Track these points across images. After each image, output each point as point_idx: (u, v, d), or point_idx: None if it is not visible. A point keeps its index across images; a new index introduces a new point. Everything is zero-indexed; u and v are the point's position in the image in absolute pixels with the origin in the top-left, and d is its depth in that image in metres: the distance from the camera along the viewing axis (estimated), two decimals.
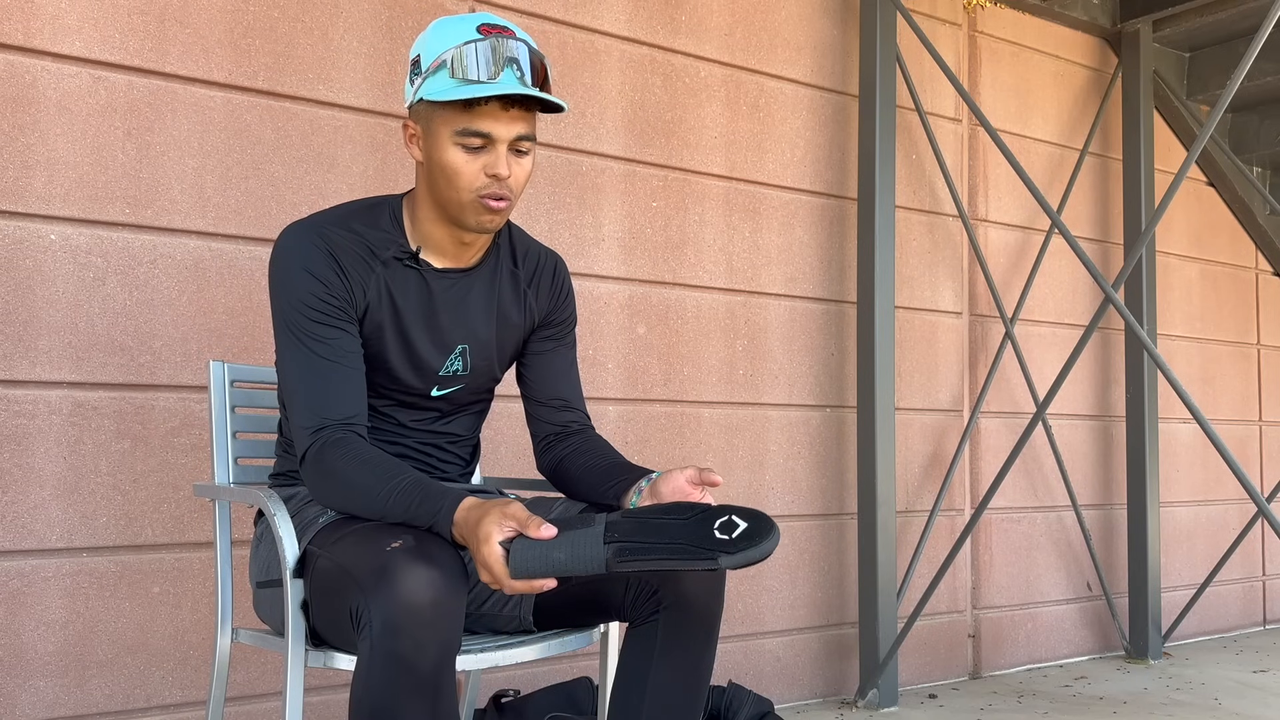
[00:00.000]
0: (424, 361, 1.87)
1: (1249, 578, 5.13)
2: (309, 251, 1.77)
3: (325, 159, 2.77)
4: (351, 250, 1.80)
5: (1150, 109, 4.44)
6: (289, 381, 1.78)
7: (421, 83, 1.72)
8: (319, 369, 1.76)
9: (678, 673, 1.85)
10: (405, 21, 2.89)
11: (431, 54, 1.71)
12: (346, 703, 2.74)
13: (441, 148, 1.73)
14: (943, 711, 3.49)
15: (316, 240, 1.78)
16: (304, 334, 1.77)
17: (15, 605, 2.38)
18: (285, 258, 1.78)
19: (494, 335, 1.92)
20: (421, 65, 1.72)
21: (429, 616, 1.54)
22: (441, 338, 1.87)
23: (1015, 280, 4.23)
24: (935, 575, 3.55)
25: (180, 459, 2.56)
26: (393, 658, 1.53)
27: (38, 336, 2.42)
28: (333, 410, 1.76)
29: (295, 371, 1.78)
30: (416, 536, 1.62)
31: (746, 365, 3.48)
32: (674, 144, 3.35)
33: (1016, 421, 4.20)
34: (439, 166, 1.73)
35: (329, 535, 1.74)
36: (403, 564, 1.55)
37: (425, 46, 1.73)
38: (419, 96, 1.72)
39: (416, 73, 1.73)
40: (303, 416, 1.76)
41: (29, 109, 2.42)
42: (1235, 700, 3.66)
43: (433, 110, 1.72)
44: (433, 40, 1.72)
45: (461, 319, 1.88)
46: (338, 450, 1.73)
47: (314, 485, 1.76)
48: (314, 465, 1.75)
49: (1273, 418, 5.29)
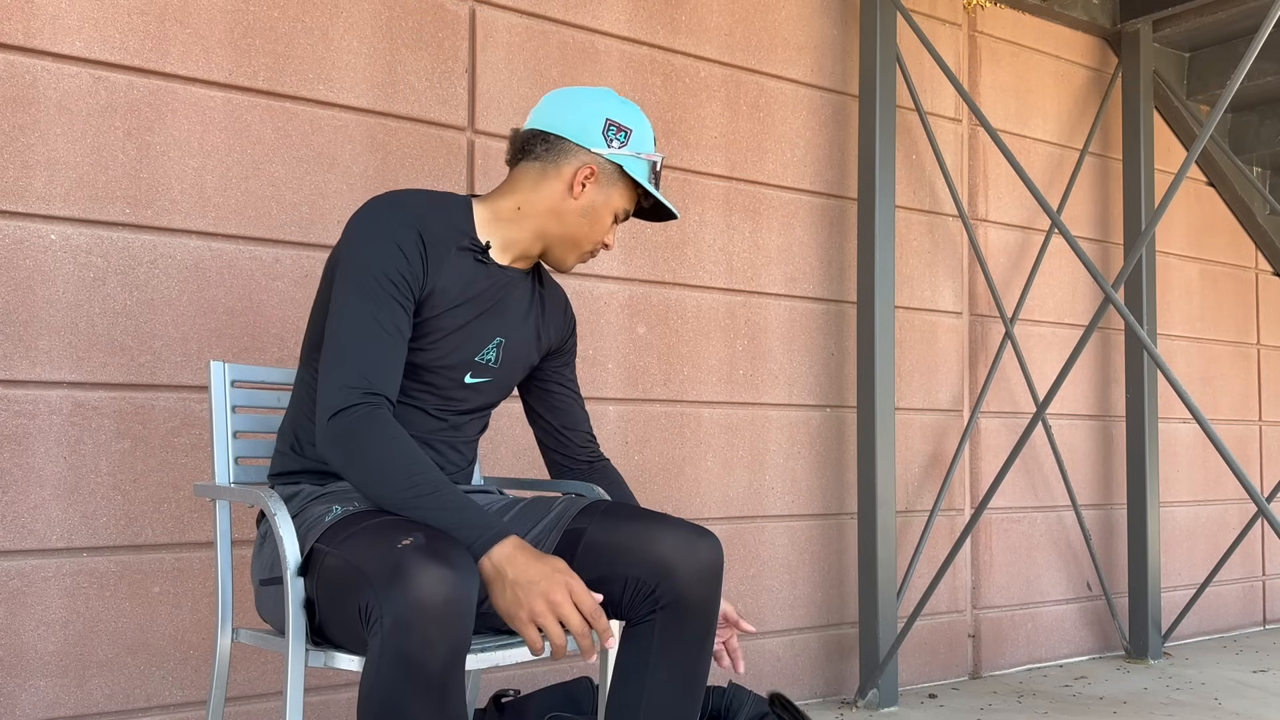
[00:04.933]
0: (467, 345, 1.93)
1: (1249, 577, 5.14)
2: (402, 227, 1.83)
3: (325, 159, 2.77)
4: (436, 234, 1.88)
5: (1150, 109, 4.44)
6: (341, 337, 1.79)
7: (623, 153, 1.93)
8: (376, 335, 1.79)
9: (675, 671, 1.85)
10: (405, 21, 2.89)
11: (641, 142, 1.96)
12: (347, 703, 2.74)
13: (603, 204, 1.95)
14: (943, 711, 3.49)
15: (410, 219, 1.85)
16: (374, 299, 1.80)
17: (15, 605, 2.38)
18: (377, 224, 1.84)
19: (523, 337, 2.01)
20: (628, 139, 1.94)
21: (440, 615, 1.54)
22: (484, 326, 1.94)
23: (1015, 280, 4.23)
24: (935, 575, 3.55)
25: (180, 459, 2.56)
26: (402, 656, 1.53)
27: (38, 336, 2.42)
28: (377, 379, 1.77)
29: (352, 329, 1.79)
30: (427, 534, 1.62)
31: (746, 365, 3.48)
32: (674, 144, 3.35)
33: (1016, 421, 4.20)
34: (589, 211, 1.94)
35: (337, 533, 1.73)
36: (416, 561, 1.55)
37: (637, 127, 1.96)
38: (617, 160, 1.93)
39: (619, 139, 1.94)
40: (346, 374, 1.76)
41: (29, 109, 2.42)
42: (1235, 700, 3.66)
43: (619, 177, 1.95)
44: (639, 130, 1.96)
45: (502, 312, 1.97)
46: (374, 424, 1.73)
47: (336, 446, 1.73)
48: (344, 427, 1.73)
49: (1273, 418, 5.29)
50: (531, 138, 1.95)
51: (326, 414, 1.75)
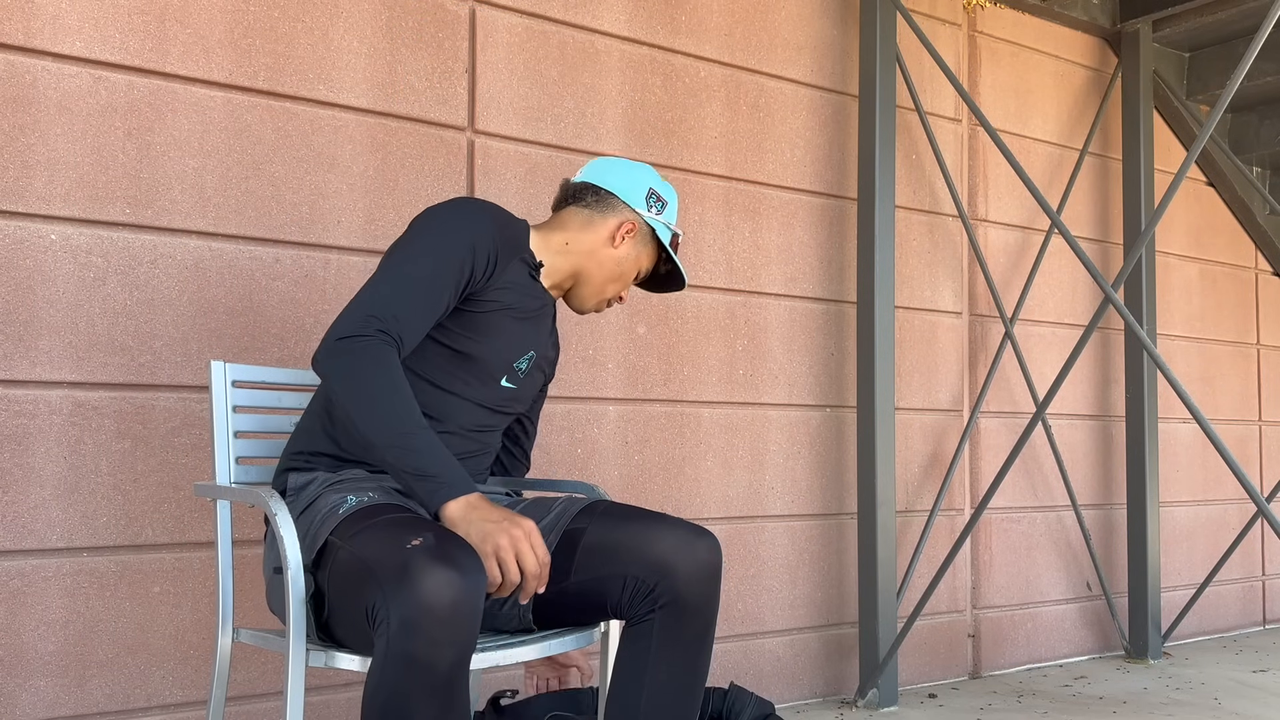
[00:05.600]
0: (512, 348, 2.01)
1: (1249, 577, 5.14)
2: (483, 223, 1.95)
3: (325, 159, 2.77)
4: (509, 239, 2.01)
5: (1150, 109, 4.44)
6: (379, 281, 1.85)
7: (658, 220, 2.15)
8: (414, 292, 1.84)
9: (674, 671, 1.86)
10: (405, 21, 2.89)
11: (671, 215, 2.18)
12: (347, 703, 2.74)
13: (633, 259, 2.14)
14: (943, 711, 3.49)
15: (491, 219, 1.96)
16: (427, 266, 1.86)
17: (15, 605, 2.38)
18: (459, 213, 1.94)
19: (544, 357, 2.14)
20: (663, 209, 2.17)
21: (447, 617, 1.55)
22: (526, 336, 2.05)
23: (1015, 280, 4.23)
24: (935, 575, 3.55)
25: (181, 459, 2.57)
26: (408, 657, 1.54)
27: (38, 336, 2.42)
28: (399, 323, 1.82)
29: (395, 278, 1.84)
30: (437, 534, 1.63)
31: (746, 365, 3.48)
32: (674, 144, 3.35)
33: (1016, 421, 4.20)
34: (622, 262, 2.13)
35: (349, 527, 1.74)
36: (424, 563, 1.56)
37: (671, 202, 2.18)
38: (654, 225, 2.14)
39: (658, 206, 2.16)
40: (371, 306, 1.81)
41: (29, 109, 2.42)
42: (1235, 700, 3.66)
43: (651, 239, 2.15)
44: (673, 205, 2.19)
45: (537, 328, 2.08)
46: (383, 355, 1.77)
47: (336, 359, 1.77)
48: (351, 348, 1.77)
49: (1272, 418, 5.29)
50: (583, 188, 2.14)
51: (336, 334, 1.79)
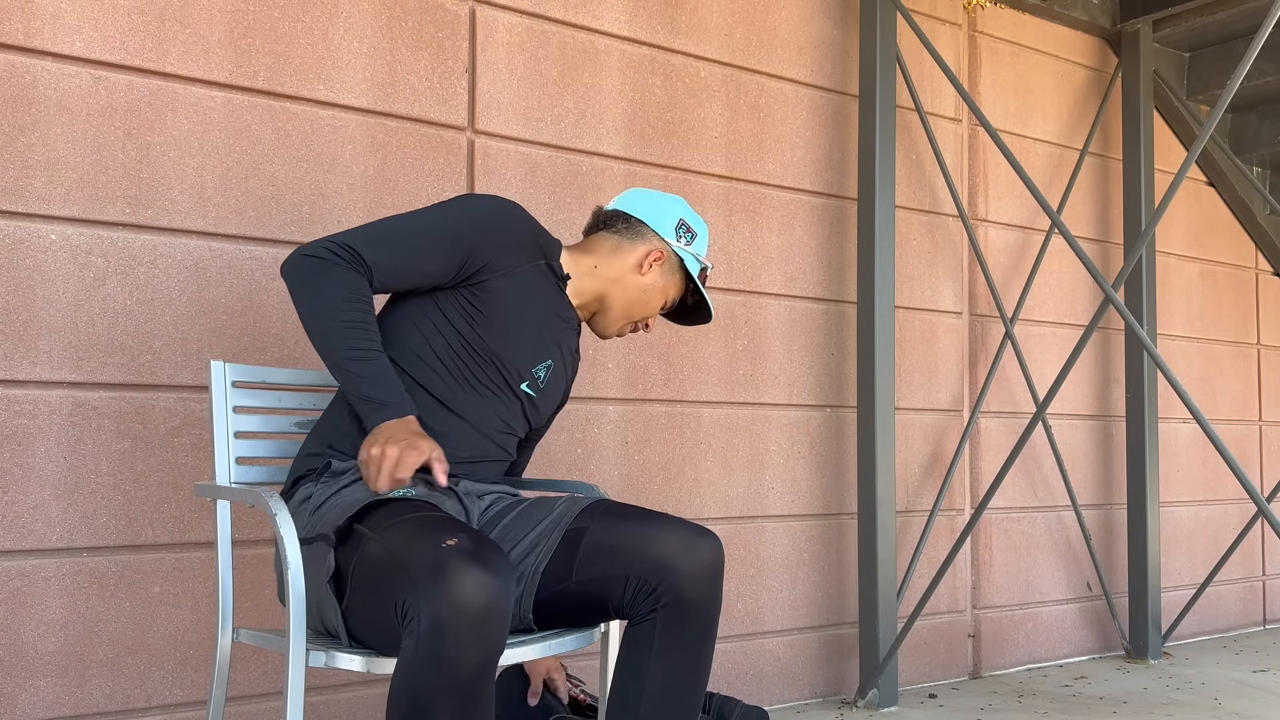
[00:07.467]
0: (529, 349, 2.03)
1: (1249, 577, 5.14)
2: (505, 224, 2.00)
3: (325, 159, 2.77)
4: (540, 242, 2.06)
5: (1150, 109, 4.44)
6: (374, 226, 1.93)
7: (687, 250, 2.20)
8: (405, 239, 1.91)
9: (675, 670, 1.86)
10: (405, 21, 2.89)
11: (701, 246, 2.23)
12: (347, 703, 2.74)
13: (660, 288, 2.19)
14: (943, 711, 3.49)
15: (518, 225, 2.01)
16: (430, 224, 1.93)
17: (15, 605, 2.38)
18: (488, 204, 2.00)
19: (561, 373, 2.14)
20: (693, 240, 2.21)
21: (478, 620, 1.55)
22: (544, 341, 2.07)
23: (1015, 280, 4.23)
24: (935, 575, 3.55)
25: (181, 459, 2.56)
26: (437, 657, 1.54)
27: (38, 336, 2.42)
28: (375, 262, 1.89)
29: (390, 230, 1.93)
30: (472, 536, 1.64)
31: (746, 365, 3.48)
32: (674, 144, 3.35)
33: (1016, 421, 4.20)
34: (648, 289, 2.18)
35: (383, 519, 1.73)
36: (458, 564, 1.56)
37: (701, 234, 2.23)
38: (682, 255, 2.19)
39: (687, 237, 2.20)
40: (353, 240, 1.89)
41: (29, 109, 2.42)
42: (1235, 700, 3.66)
43: (679, 268, 2.21)
44: (702, 237, 2.23)
45: (558, 340, 2.11)
46: (351, 274, 1.85)
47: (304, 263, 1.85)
48: (320, 259, 1.86)
49: (1273, 418, 5.29)
50: (614, 215, 2.19)
51: (307, 248, 1.87)
